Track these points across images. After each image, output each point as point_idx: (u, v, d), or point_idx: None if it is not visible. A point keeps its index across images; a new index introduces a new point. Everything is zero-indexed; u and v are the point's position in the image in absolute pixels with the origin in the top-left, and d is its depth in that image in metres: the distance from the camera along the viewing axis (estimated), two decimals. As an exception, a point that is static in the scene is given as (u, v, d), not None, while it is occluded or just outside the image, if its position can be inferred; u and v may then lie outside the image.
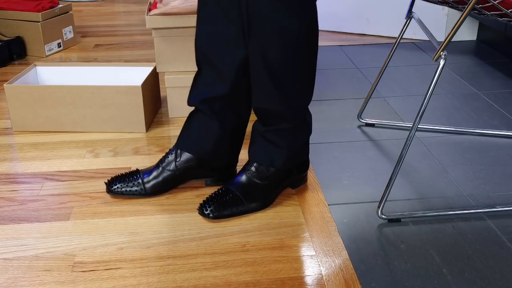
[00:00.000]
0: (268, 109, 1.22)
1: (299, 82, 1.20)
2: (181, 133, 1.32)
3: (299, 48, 1.15)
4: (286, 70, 1.17)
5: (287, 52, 1.15)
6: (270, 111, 1.22)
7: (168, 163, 1.31)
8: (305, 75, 1.20)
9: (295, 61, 1.16)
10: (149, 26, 1.63)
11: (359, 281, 1.05)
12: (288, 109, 1.22)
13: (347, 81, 2.08)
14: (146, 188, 1.30)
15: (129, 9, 3.33)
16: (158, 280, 1.05)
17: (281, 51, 1.15)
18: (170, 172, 1.30)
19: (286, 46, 1.14)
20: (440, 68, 1.16)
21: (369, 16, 2.64)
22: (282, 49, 1.14)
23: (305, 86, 1.22)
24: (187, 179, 1.34)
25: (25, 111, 1.64)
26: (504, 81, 2.06)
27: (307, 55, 1.18)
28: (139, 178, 1.31)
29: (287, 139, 1.26)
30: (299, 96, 1.22)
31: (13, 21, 2.37)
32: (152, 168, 1.32)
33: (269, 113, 1.23)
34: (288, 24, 1.12)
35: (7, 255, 1.13)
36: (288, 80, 1.18)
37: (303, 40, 1.15)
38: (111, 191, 1.31)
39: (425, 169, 1.45)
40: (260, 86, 1.20)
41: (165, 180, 1.31)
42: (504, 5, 1.10)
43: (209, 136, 1.29)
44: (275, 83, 1.18)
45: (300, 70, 1.18)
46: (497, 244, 1.15)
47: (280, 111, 1.22)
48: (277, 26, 1.12)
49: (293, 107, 1.22)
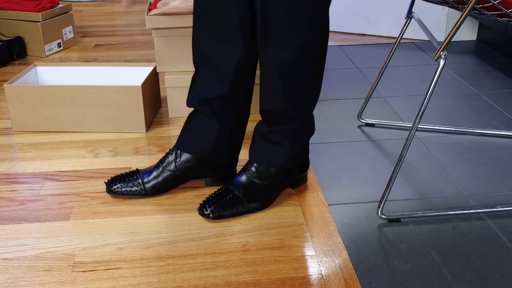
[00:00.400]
0: (276, 110, 1.22)
1: (308, 82, 1.20)
2: (181, 134, 1.32)
3: (311, 48, 1.15)
4: (297, 70, 1.17)
5: (298, 52, 1.15)
6: (278, 112, 1.22)
7: (168, 163, 1.31)
8: (315, 75, 1.20)
9: (305, 61, 1.16)
10: (149, 26, 1.63)
11: (359, 281, 1.05)
12: (296, 109, 1.22)
13: (347, 81, 2.08)
14: (146, 188, 1.30)
15: (129, 9, 3.33)
16: (158, 280, 1.05)
17: (293, 51, 1.14)
18: (170, 172, 1.30)
19: (298, 46, 1.14)
20: (440, 68, 1.16)
21: (369, 16, 2.64)
22: (294, 48, 1.14)
23: (314, 86, 1.22)
24: (187, 179, 1.33)
25: (25, 111, 1.64)
26: (504, 81, 2.06)
27: (317, 55, 1.18)
28: (139, 178, 1.31)
29: (290, 139, 1.26)
30: (307, 96, 1.22)
31: (13, 21, 2.37)
32: (152, 168, 1.32)
33: (277, 113, 1.23)
34: (301, 24, 1.12)
35: (7, 255, 1.13)
36: (298, 80, 1.18)
37: (315, 40, 1.15)
38: (111, 191, 1.31)
39: (425, 169, 1.45)
40: (270, 86, 1.20)
41: (165, 180, 1.31)
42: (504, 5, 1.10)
43: (209, 136, 1.29)
44: (285, 83, 1.18)
45: (310, 70, 1.18)
46: (497, 244, 1.15)
47: (288, 111, 1.22)
48: (290, 25, 1.12)
49: (301, 107, 1.23)
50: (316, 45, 1.16)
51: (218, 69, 1.22)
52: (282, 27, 1.12)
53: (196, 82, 1.28)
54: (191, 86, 1.29)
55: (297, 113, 1.23)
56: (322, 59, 1.20)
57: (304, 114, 1.24)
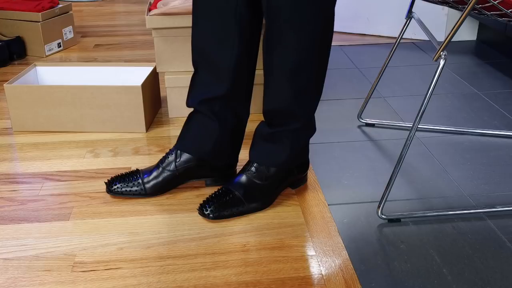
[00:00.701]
0: (281, 110, 1.22)
1: (312, 81, 1.20)
2: (181, 134, 1.32)
3: (315, 47, 1.15)
4: (301, 68, 1.17)
5: (303, 50, 1.15)
6: (283, 111, 1.22)
7: (168, 164, 1.30)
8: (318, 74, 1.20)
9: (309, 60, 1.16)
10: (149, 26, 1.63)
11: (359, 281, 1.05)
12: (301, 108, 1.22)
13: (347, 81, 2.08)
14: (146, 188, 1.30)
15: (129, 9, 3.33)
16: (158, 280, 1.05)
17: (297, 50, 1.14)
18: (170, 172, 1.30)
19: (302, 45, 1.14)
20: (440, 68, 1.16)
21: (369, 16, 2.64)
22: (299, 47, 1.14)
23: (317, 85, 1.22)
24: (187, 179, 1.33)
25: (25, 111, 1.64)
26: (504, 81, 2.06)
27: (321, 54, 1.18)
28: (139, 178, 1.31)
29: (291, 139, 1.26)
30: (311, 95, 1.22)
31: (13, 21, 2.37)
32: (152, 168, 1.32)
33: (281, 113, 1.23)
34: (306, 23, 1.12)
35: (7, 255, 1.13)
36: (302, 79, 1.18)
37: (319, 39, 1.15)
38: (111, 191, 1.31)
39: (425, 169, 1.45)
40: (275, 87, 1.20)
41: (165, 180, 1.31)
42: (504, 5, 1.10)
43: (209, 136, 1.29)
44: (290, 82, 1.18)
45: (314, 68, 1.18)
46: (497, 244, 1.15)
47: (291, 111, 1.22)
48: (295, 24, 1.12)
49: (305, 106, 1.23)
50: (320, 44, 1.16)
51: (217, 69, 1.22)
52: (288, 25, 1.12)
53: (196, 82, 1.28)
54: (191, 86, 1.29)
55: (302, 112, 1.23)
56: (326, 57, 1.21)
57: (308, 113, 1.24)
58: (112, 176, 1.35)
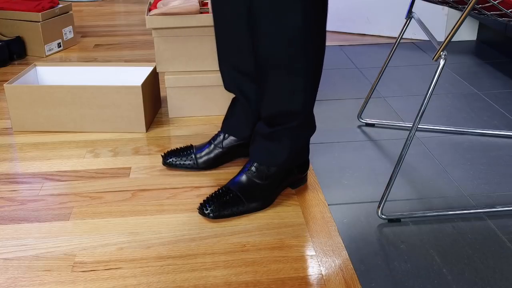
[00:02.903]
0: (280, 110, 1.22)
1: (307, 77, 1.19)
2: (226, 117, 1.44)
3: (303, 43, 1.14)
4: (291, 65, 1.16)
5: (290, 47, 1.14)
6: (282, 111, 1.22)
7: (219, 142, 1.43)
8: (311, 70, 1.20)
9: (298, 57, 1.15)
10: (149, 26, 1.63)
11: (359, 281, 1.05)
12: (300, 105, 1.22)
13: (347, 81, 2.08)
14: (198, 163, 1.42)
15: (129, 9, 3.33)
16: (158, 280, 1.05)
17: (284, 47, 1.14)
18: (220, 149, 1.43)
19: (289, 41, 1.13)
20: (440, 68, 1.16)
21: (369, 16, 2.64)
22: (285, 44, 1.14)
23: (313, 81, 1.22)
24: (234, 157, 1.46)
25: (25, 111, 1.64)
26: (504, 81, 2.06)
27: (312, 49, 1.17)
28: (192, 153, 1.42)
29: (291, 138, 1.25)
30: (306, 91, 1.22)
31: (13, 21, 2.37)
32: (204, 145, 1.44)
33: (281, 113, 1.23)
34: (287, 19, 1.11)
35: (7, 255, 1.13)
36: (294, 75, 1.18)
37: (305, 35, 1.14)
38: (166, 163, 1.43)
39: (425, 169, 1.45)
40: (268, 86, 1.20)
41: (216, 156, 1.43)
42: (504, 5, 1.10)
43: (248, 122, 1.39)
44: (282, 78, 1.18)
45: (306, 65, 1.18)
46: (497, 244, 1.15)
47: (292, 108, 1.21)
48: (276, 20, 1.11)
49: (301, 103, 1.22)
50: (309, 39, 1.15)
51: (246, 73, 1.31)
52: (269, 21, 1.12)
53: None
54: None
55: (301, 108, 1.22)
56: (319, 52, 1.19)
57: (307, 107, 1.24)
58: (167, 150, 1.48)
